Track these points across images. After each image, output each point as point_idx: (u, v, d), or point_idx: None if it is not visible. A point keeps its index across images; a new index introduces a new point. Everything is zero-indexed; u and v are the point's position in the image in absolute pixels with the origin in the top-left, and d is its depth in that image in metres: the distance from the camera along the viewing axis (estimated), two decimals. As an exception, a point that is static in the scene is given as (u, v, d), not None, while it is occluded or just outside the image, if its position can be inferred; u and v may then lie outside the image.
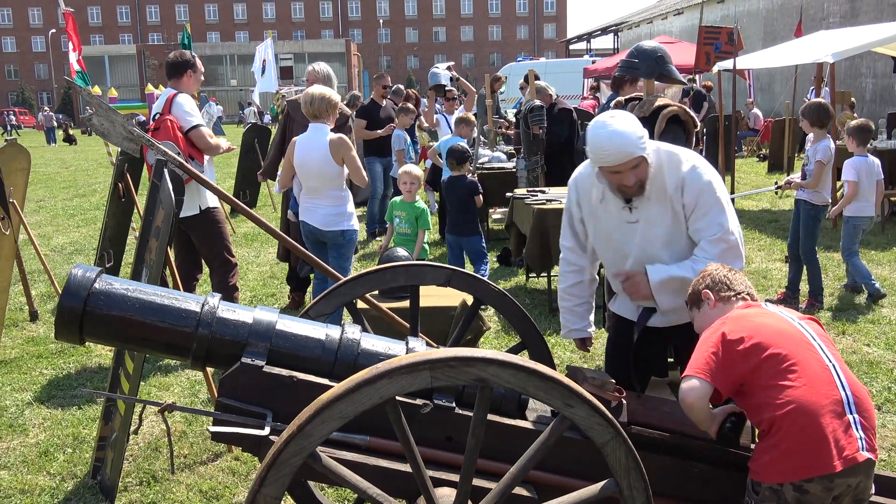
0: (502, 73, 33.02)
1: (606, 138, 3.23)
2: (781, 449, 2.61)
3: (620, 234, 3.54)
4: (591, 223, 3.64)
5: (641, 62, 5.06)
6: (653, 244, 3.48)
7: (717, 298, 3.00)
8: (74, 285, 2.61)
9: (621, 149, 3.21)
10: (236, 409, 2.61)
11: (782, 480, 2.60)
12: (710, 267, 3.10)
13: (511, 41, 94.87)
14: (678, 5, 39.36)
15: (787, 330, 2.80)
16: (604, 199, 3.50)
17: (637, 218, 3.47)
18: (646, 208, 3.44)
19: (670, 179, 3.40)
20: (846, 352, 5.99)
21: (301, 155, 5.85)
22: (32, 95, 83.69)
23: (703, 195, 3.38)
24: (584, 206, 3.64)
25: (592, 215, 3.62)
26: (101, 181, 19.28)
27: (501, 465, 2.55)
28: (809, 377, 2.66)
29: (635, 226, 3.48)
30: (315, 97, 5.81)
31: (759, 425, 2.70)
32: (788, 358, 2.69)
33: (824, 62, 11.65)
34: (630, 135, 3.22)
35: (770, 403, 2.64)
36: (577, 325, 3.88)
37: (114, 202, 7.07)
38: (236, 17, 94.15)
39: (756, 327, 2.78)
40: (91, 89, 8.90)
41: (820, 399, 2.62)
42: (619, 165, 3.26)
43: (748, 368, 2.70)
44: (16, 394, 5.55)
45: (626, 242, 3.54)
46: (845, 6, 25.40)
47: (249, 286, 8.38)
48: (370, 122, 10.74)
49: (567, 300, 3.87)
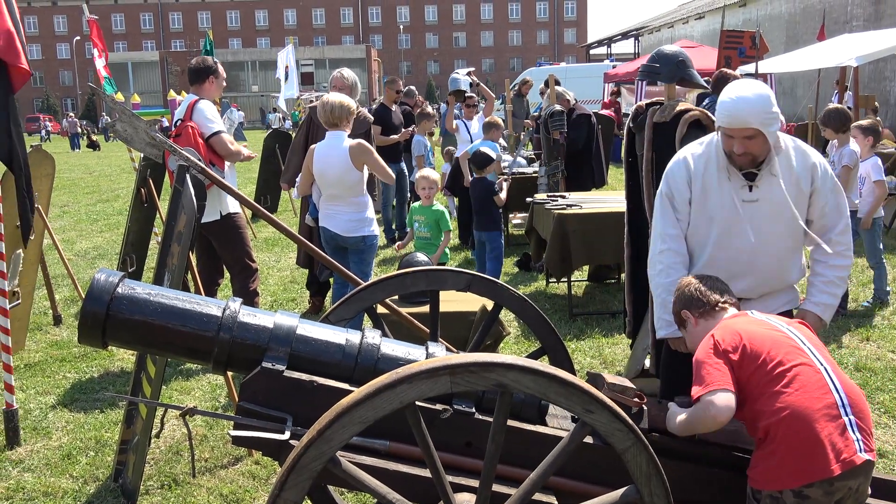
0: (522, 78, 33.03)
1: (731, 100, 3.24)
2: (778, 456, 2.60)
3: (734, 214, 3.42)
4: (701, 202, 3.51)
5: (662, 66, 5.03)
6: (772, 225, 3.41)
7: (696, 316, 3.00)
8: (98, 290, 2.63)
9: (738, 113, 3.21)
10: (257, 414, 2.62)
11: (781, 487, 2.59)
12: (682, 283, 3.10)
13: (531, 46, 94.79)
14: (699, 9, 39.19)
15: (776, 336, 2.80)
16: (729, 175, 3.42)
17: (757, 197, 3.41)
18: (769, 187, 3.38)
19: (799, 163, 3.42)
20: (870, 358, 5.92)
21: (320, 163, 5.85)
22: (57, 102, 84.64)
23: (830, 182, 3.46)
24: (696, 184, 3.51)
25: (703, 194, 3.50)
26: (124, 186, 19.46)
27: (521, 471, 2.53)
28: (802, 382, 2.65)
29: (753, 205, 3.41)
30: (335, 105, 5.81)
31: (755, 433, 2.69)
32: (781, 364, 2.69)
33: (848, 66, 11.56)
34: (754, 103, 3.21)
35: (765, 411, 2.64)
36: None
37: (136, 207, 7.13)
38: (258, 23, 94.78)
39: (746, 336, 2.78)
40: (115, 95, 8.97)
41: (814, 404, 2.61)
42: (734, 129, 3.27)
43: (744, 376, 2.70)
44: (39, 397, 5.60)
45: (740, 223, 3.42)
46: (869, 9, 25.17)
47: (270, 291, 8.42)
48: (383, 128, 10.72)
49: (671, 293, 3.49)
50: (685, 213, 3.58)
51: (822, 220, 3.49)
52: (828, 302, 3.52)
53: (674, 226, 3.60)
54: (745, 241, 3.42)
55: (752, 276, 3.47)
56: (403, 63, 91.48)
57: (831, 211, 3.48)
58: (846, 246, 3.50)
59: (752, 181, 3.39)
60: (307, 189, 6.24)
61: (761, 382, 2.67)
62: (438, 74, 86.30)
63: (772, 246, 3.44)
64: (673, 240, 3.59)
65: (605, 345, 6.41)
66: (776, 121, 3.29)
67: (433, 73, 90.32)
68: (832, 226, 3.50)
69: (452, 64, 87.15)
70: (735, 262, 3.47)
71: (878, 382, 5.46)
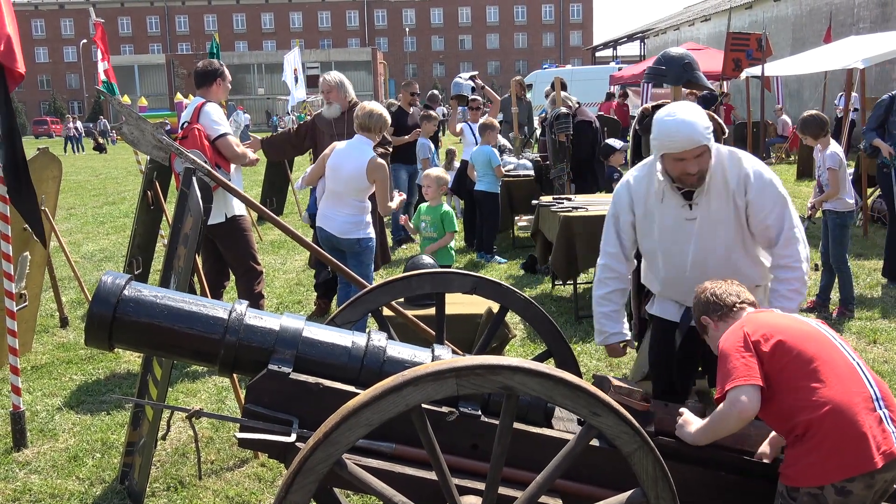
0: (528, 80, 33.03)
1: (674, 125, 3.35)
2: (822, 450, 2.57)
3: (677, 234, 3.58)
4: (646, 224, 3.67)
5: (668, 69, 5.05)
6: (712, 241, 3.52)
7: (715, 320, 2.99)
8: (104, 292, 2.64)
9: (688, 136, 3.32)
10: (263, 416, 2.63)
11: (823, 483, 2.57)
12: (697, 290, 3.11)
13: (537, 49, 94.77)
14: (705, 12, 39.14)
15: (807, 330, 2.79)
16: (664, 197, 3.54)
17: (696, 215, 3.52)
18: (705, 204, 3.49)
19: (732, 175, 3.48)
20: (878, 361, 5.90)
21: (338, 159, 5.91)
22: (64, 105, 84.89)
23: (767, 191, 3.47)
24: (639, 208, 3.68)
25: (647, 216, 3.65)
26: (130, 189, 19.51)
27: (527, 474, 2.53)
28: (839, 376, 2.64)
29: (693, 223, 3.53)
30: (374, 113, 5.90)
31: (793, 430, 2.64)
32: (815, 358, 2.67)
33: (854, 68, 11.53)
34: (697, 123, 3.33)
35: (804, 406, 2.60)
36: (615, 329, 3.89)
37: (143, 210, 7.14)
38: (264, 26, 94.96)
39: (777, 328, 2.76)
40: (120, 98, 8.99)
41: (853, 397, 2.61)
42: (684, 152, 3.35)
43: (774, 369, 2.67)
44: (46, 399, 5.62)
45: (683, 241, 3.57)
46: (875, 11, 25.10)
47: (276, 293, 8.43)
48: (398, 129, 10.79)
49: (605, 305, 3.89)
50: (629, 234, 3.77)
51: (765, 231, 3.52)
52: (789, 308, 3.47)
53: (613, 245, 3.82)
54: (687, 258, 3.58)
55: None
56: (409, 66, 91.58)
57: (773, 222, 3.50)
58: (792, 258, 3.50)
59: (690, 199, 3.51)
60: (314, 181, 6.26)
61: (796, 376, 2.65)
62: (444, 77, 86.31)
63: (717, 257, 3.55)
64: (610, 257, 3.83)
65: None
66: (711, 133, 3.41)
67: (439, 75, 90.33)
68: (775, 237, 3.52)
69: (458, 66, 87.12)
70: (683, 278, 3.62)
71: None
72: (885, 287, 7.89)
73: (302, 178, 6.54)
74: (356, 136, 5.95)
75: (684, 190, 3.51)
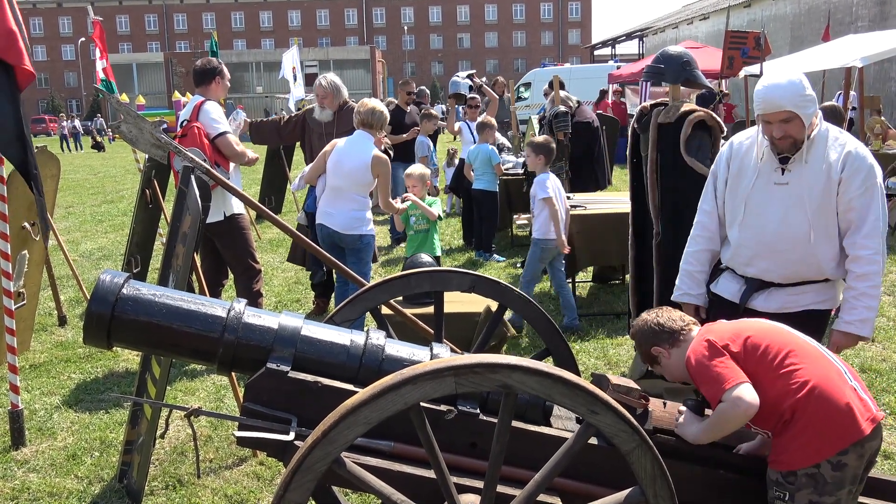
0: (526, 79, 33.04)
1: (764, 87, 3.37)
2: (812, 429, 2.62)
3: (764, 196, 3.52)
4: (738, 181, 3.63)
5: (667, 67, 5.03)
6: (797, 210, 3.44)
7: (667, 348, 2.94)
8: (102, 291, 2.63)
9: (772, 99, 3.32)
10: (261, 415, 2.63)
11: (819, 460, 2.61)
12: (637, 324, 3.03)
13: (535, 47, 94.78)
14: (704, 10, 39.13)
15: (764, 326, 2.86)
16: (763, 157, 3.52)
17: (788, 180, 3.47)
18: (799, 171, 3.45)
19: (833, 150, 3.43)
20: (876, 359, 5.91)
21: (340, 154, 5.94)
22: (62, 103, 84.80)
23: (863, 173, 3.40)
24: (734, 163, 3.66)
25: (741, 172, 3.62)
26: (128, 187, 19.50)
27: (526, 472, 2.53)
28: (810, 357, 2.72)
29: (783, 188, 3.48)
30: (375, 109, 5.96)
31: (781, 416, 2.67)
32: (783, 346, 2.73)
33: (853, 66, 11.54)
34: (787, 88, 3.32)
35: (786, 392, 2.65)
36: (694, 289, 3.83)
37: (141, 208, 7.14)
38: (262, 24, 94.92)
39: (738, 329, 2.82)
40: (119, 97, 8.99)
41: (827, 372, 2.68)
42: (768, 115, 3.37)
43: (750, 365, 2.70)
44: (44, 397, 5.61)
45: (768, 204, 3.51)
46: (874, 10, 25.11)
47: (274, 292, 8.43)
48: (395, 128, 10.81)
49: (691, 264, 3.84)
50: (722, 191, 3.74)
51: (849, 213, 3.41)
52: (863, 316, 3.42)
53: (709, 202, 3.80)
54: (769, 222, 3.50)
55: (774, 258, 3.51)
56: (408, 64, 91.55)
57: (859, 206, 3.39)
58: (874, 250, 3.39)
59: (784, 164, 3.47)
60: (314, 178, 6.27)
61: (770, 368, 2.69)
62: (442, 75, 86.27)
63: (796, 230, 3.45)
64: (705, 214, 3.81)
65: (609, 346, 6.41)
66: (811, 104, 3.36)
67: (437, 73, 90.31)
68: (858, 223, 3.40)
69: (456, 65, 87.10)
70: (758, 242, 3.54)
71: (883, 384, 5.44)
72: (883, 285, 7.88)
73: (299, 177, 6.54)
74: (357, 132, 5.97)
75: (782, 155, 3.47)
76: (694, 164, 4.74)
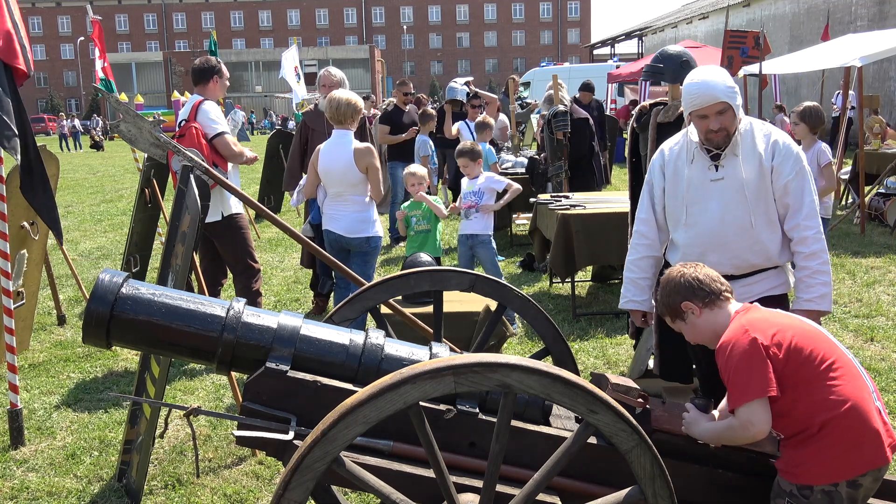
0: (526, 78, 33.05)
1: (696, 84, 3.51)
2: (840, 448, 2.58)
3: (702, 193, 3.65)
4: (674, 185, 3.76)
5: (666, 66, 5.04)
6: (735, 203, 3.59)
7: (701, 306, 2.85)
8: (102, 290, 2.63)
9: (708, 92, 3.47)
10: (261, 414, 2.63)
11: (838, 480, 2.59)
12: (673, 274, 2.94)
13: (535, 46, 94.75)
14: (703, 9, 39.14)
15: (807, 328, 2.78)
16: (694, 159, 3.66)
17: (722, 175, 3.61)
18: (732, 164, 3.59)
19: (761, 140, 3.59)
20: (875, 358, 5.91)
21: (325, 161, 5.88)
22: (61, 102, 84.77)
23: (791, 159, 3.57)
24: (668, 169, 3.79)
25: (676, 176, 3.74)
26: (127, 187, 19.49)
27: (525, 472, 2.54)
28: (849, 372, 2.66)
29: (719, 183, 3.61)
30: (341, 102, 5.82)
31: (807, 429, 2.62)
32: (826, 356, 2.66)
33: (852, 66, 11.54)
34: (717, 81, 3.48)
35: (821, 406, 2.60)
36: (638, 296, 3.96)
37: (140, 208, 7.14)
38: (261, 24, 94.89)
39: (783, 328, 2.71)
40: (118, 96, 8.99)
41: (863, 392, 2.64)
42: (705, 108, 3.49)
43: (788, 371, 2.63)
44: (44, 397, 5.61)
45: (707, 200, 3.64)
46: (873, 9, 25.12)
47: (274, 291, 8.43)
48: (393, 128, 10.81)
49: (632, 271, 3.97)
50: (660, 198, 3.86)
51: (785, 198, 3.57)
52: (821, 292, 3.56)
53: (646, 211, 3.93)
54: (711, 217, 3.64)
55: (722, 251, 3.63)
56: (407, 63, 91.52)
57: (793, 189, 3.56)
58: (816, 229, 3.57)
59: (716, 161, 3.62)
60: (312, 191, 6.20)
61: (810, 377, 2.63)
62: (442, 75, 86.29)
63: (739, 220, 3.60)
64: (642, 223, 3.95)
65: (608, 345, 6.41)
66: (738, 95, 3.54)
67: (437, 73, 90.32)
68: (797, 207, 3.57)
69: (456, 64, 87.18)
70: (704, 238, 3.67)
71: (882, 383, 5.45)
72: (882, 285, 7.90)
73: (297, 191, 6.48)
74: (334, 132, 5.91)
75: (713, 153, 3.61)
76: (693, 163, 4.74)
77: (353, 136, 5.88)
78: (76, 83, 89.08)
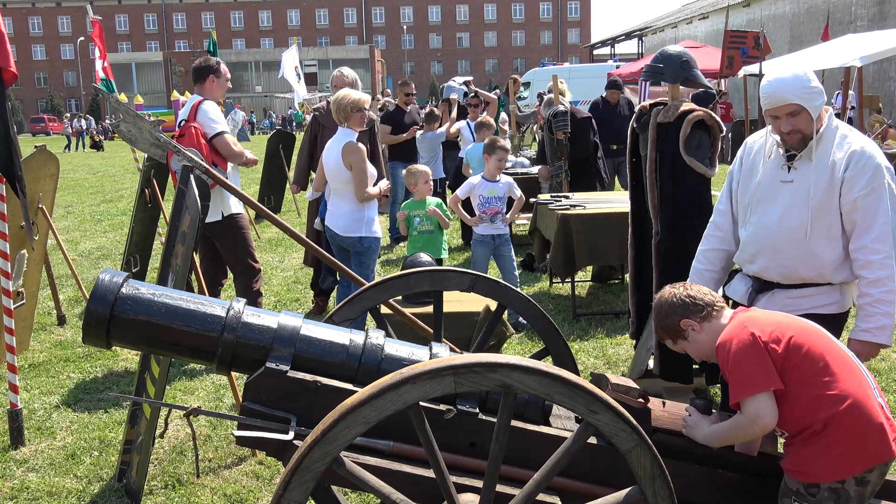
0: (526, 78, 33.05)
1: (769, 82, 3.35)
2: (845, 444, 2.58)
3: (769, 193, 3.49)
4: (747, 178, 3.62)
5: (666, 67, 5.04)
6: (799, 207, 3.38)
7: (699, 321, 2.85)
8: (102, 290, 2.63)
9: (778, 93, 3.30)
10: (261, 414, 2.63)
11: (845, 476, 2.59)
12: (665, 295, 2.94)
13: (535, 46, 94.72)
14: (703, 10, 39.15)
15: (805, 325, 2.77)
16: (772, 156, 3.50)
17: (792, 178, 3.43)
18: (804, 169, 3.39)
19: (839, 148, 3.36)
20: (875, 359, 5.90)
21: (325, 156, 6.02)
22: (61, 103, 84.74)
23: (868, 172, 3.30)
24: (746, 162, 3.65)
25: (751, 170, 3.61)
26: (127, 187, 19.49)
27: (525, 472, 2.53)
28: (848, 368, 2.65)
29: (788, 185, 3.44)
30: (340, 101, 5.89)
31: (810, 426, 2.62)
32: (825, 353, 2.65)
33: (852, 66, 11.55)
34: (791, 82, 3.29)
35: (822, 403, 2.59)
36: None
37: (140, 208, 7.15)
38: (261, 24, 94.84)
39: (780, 325, 2.72)
40: (118, 96, 8.99)
41: (865, 388, 2.63)
42: (775, 109, 3.33)
43: (788, 367, 2.63)
44: (44, 397, 5.61)
45: (772, 201, 3.48)
46: (873, 9, 25.12)
47: (274, 291, 8.43)
48: (395, 128, 10.81)
49: (700, 262, 3.82)
50: (736, 191, 3.72)
51: (853, 214, 3.31)
52: (881, 323, 3.29)
53: (724, 202, 3.78)
54: (771, 219, 3.47)
55: (772, 255, 3.46)
56: (407, 63, 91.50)
57: (864, 207, 3.28)
58: (885, 254, 3.27)
59: (790, 162, 3.44)
60: (322, 186, 6.31)
61: (809, 374, 2.62)
62: (442, 75, 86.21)
63: (796, 228, 3.39)
64: (719, 213, 3.82)
65: (608, 345, 6.41)
66: (818, 96, 3.31)
67: (437, 73, 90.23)
68: (865, 227, 3.29)
69: (456, 64, 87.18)
70: (760, 239, 3.51)
71: (882, 383, 5.45)
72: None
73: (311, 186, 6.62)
74: (338, 130, 5.97)
75: (789, 153, 3.43)
76: (693, 163, 4.75)
77: (356, 136, 5.90)
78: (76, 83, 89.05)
